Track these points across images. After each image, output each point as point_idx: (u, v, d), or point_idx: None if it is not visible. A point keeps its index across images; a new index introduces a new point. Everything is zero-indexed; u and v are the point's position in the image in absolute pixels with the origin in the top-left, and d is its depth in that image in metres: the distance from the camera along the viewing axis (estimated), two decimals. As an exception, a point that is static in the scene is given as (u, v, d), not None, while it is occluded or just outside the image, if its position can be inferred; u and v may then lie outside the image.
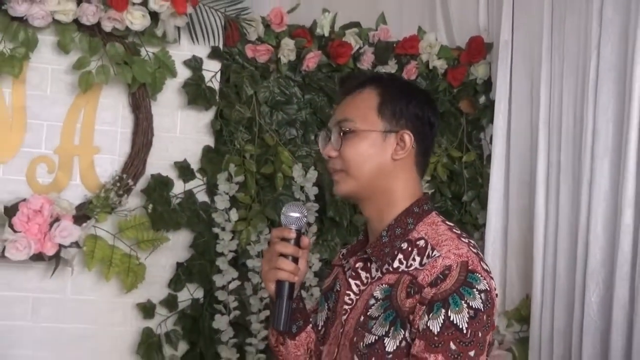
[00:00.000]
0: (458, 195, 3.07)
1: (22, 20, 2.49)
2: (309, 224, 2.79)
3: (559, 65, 2.65)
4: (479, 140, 3.15)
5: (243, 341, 2.72)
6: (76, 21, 2.54)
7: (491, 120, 2.99)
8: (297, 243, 1.53)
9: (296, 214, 1.53)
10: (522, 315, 2.78)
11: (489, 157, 3.00)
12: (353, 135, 1.49)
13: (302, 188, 2.80)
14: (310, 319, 1.65)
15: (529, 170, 2.82)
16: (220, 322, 2.69)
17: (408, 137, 1.50)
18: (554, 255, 2.58)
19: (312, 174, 2.80)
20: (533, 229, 2.68)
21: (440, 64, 3.07)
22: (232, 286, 2.70)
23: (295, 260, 1.53)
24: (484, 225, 2.94)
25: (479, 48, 3.07)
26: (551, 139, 2.67)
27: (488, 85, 3.11)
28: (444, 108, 3.08)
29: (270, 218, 2.77)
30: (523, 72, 2.88)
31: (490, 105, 3.04)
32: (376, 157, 1.50)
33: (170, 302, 2.72)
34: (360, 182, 1.51)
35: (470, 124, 3.12)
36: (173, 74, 2.68)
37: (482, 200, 3.01)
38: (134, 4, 2.55)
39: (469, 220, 3.05)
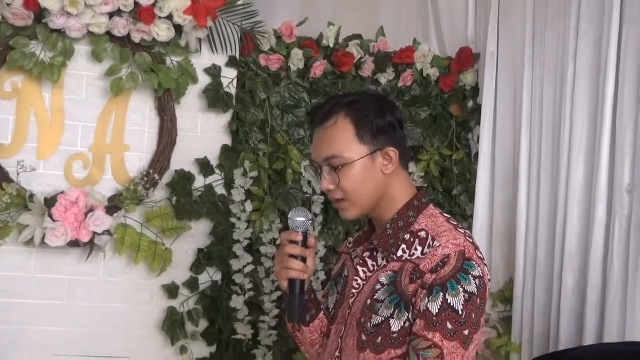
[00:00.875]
0: (449, 189, 3.06)
1: (60, 32, 2.50)
2: (315, 215, 2.80)
3: (540, 73, 2.64)
4: (467, 140, 3.14)
5: (257, 319, 2.73)
6: (108, 33, 2.55)
7: (478, 123, 2.98)
8: (305, 244, 1.53)
9: (302, 218, 1.53)
10: (506, 297, 2.77)
11: (477, 155, 2.99)
12: (345, 167, 1.46)
13: (309, 183, 2.80)
14: (322, 306, 1.65)
15: (512, 167, 2.81)
16: (237, 301, 2.69)
17: (393, 152, 1.48)
18: (535, 243, 2.58)
19: (319, 170, 2.79)
20: (516, 219, 2.67)
21: (433, 72, 3.06)
22: (247, 270, 2.71)
23: (304, 259, 1.53)
24: (471, 216, 2.94)
25: (468, 58, 3.07)
26: (532, 139, 2.66)
27: (476, 91, 3.10)
28: (437, 112, 3.08)
29: (281, 209, 2.77)
30: (507, 80, 2.86)
31: (477, 109, 3.03)
32: (371, 178, 1.48)
33: (192, 284, 2.72)
34: (363, 204, 1.50)
35: (459, 125, 3.11)
36: (195, 80, 2.68)
37: (470, 194, 3.00)
38: (160, 17, 2.55)
39: (458, 212, 3.04)
